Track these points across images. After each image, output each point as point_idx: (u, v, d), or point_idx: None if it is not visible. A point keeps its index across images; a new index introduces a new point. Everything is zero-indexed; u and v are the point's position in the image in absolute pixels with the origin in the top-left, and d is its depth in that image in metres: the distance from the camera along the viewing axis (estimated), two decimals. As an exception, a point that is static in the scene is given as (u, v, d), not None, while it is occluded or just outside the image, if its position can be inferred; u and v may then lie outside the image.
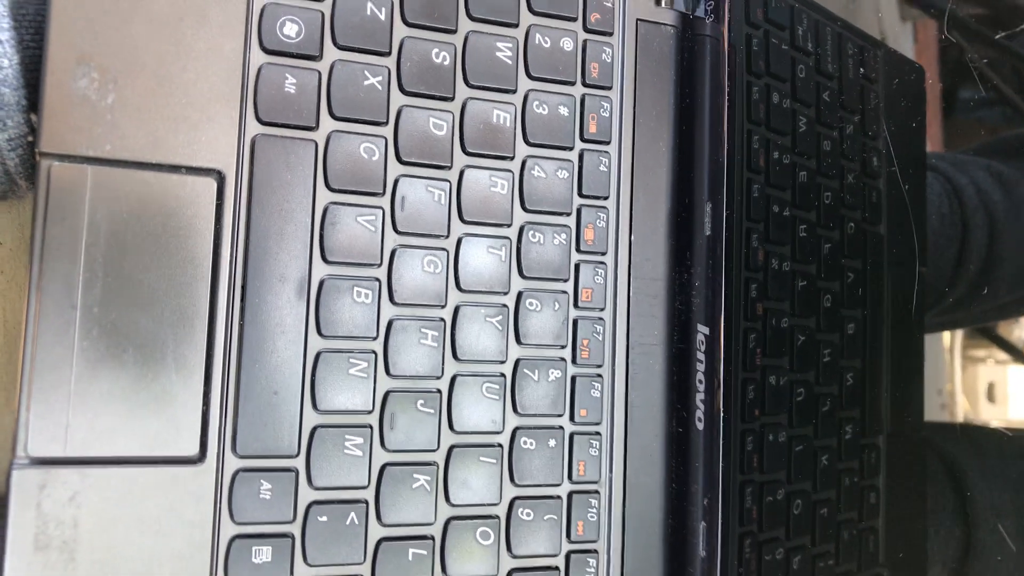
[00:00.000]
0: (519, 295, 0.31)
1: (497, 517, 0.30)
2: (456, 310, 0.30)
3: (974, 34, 0.54)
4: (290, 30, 0.28)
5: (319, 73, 0.28)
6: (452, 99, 0.30)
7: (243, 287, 0.27)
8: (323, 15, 0.28)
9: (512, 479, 0.30)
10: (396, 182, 0.29)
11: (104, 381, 0.25)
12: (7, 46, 0.25)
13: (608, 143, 0.33)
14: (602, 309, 0.32)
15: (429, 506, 0.29)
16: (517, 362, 0.30)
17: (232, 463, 0.26)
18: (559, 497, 0.31)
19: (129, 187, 0.26)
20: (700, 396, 0.32)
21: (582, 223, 0.32)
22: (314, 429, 0.27)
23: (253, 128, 0.27)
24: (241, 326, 0.27)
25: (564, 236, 0.31)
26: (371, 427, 0.28)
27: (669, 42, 0.34)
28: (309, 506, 0.27)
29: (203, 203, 0.27)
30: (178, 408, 0.26)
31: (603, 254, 0.32)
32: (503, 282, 0.30)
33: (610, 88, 0.33)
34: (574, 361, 0.31)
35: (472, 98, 0.30)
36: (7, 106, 0.25)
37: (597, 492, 0.31)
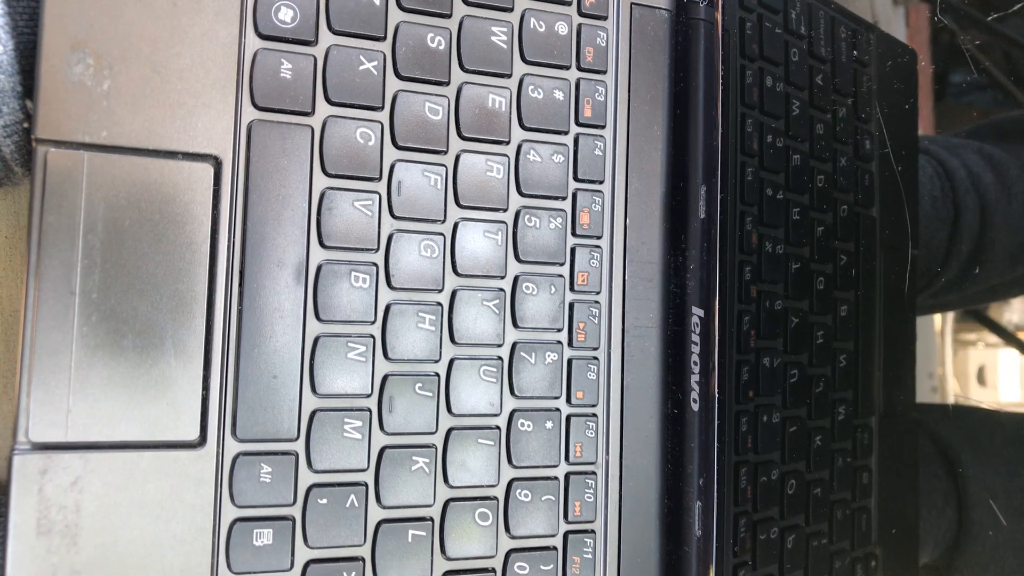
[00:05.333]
0: (515, 279, 0.31)
1: (495, 498, 0.30)
2: (453, 294, 0.30)
3: (966, 17, 0.55)
4: (285, 15, 0.28)
5: (314, 58, 0.28)
6: (447, 84, 0.30)
7: (241, 272, 0.27)
8: (318, 0, 0.28)
9: (510, 461, 0.30)
10: (392, 167, 0.29)
11: (104, 366, 0.25)
12: (1, 32, 0.25)
13: (603, 127, 0.33)
14: (598, 292, 0.32)
15: (428, 488, 0.29)
16: (514, 345, 0.31)
17: (232, 447, 0.26)
18: (556, 478, 0.31)
19: (126, 173, 0.26)
20: (695, 378, 0.33)
21: (578, 207, 0.32)
22: (313, 413, 0.28)
23: (249, 114, 0.27)
24: (240, 311, 0.27)
25: (560, 220, 0.32)
26: (370, 410, 0.28)
27: (663, 26, 0.34)
28: (309, 489, 0.27)
29: (200, 189, 0.27)
30: (178, 393, 0.26)
31: (599, 238, 0.32)
32: (500, 266, 0.30)
33: (605, 72, 0.33)
34: (570, 344, 0.32)
35: (467, 83, 0.30)
36: (2, 92, 0.25)
37: (594, 473, 0.32)
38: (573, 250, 0.32)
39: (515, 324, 0.31)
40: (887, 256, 0.44)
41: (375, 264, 0.29)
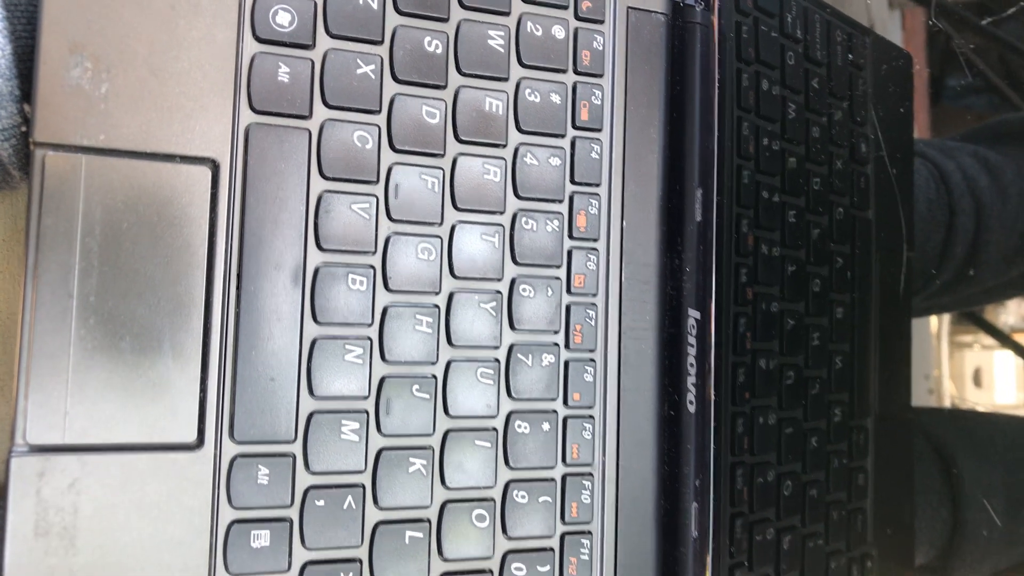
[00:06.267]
0: (512, 281, 0.31)
1: (492, 500, 0.30)
2: (450, 296, 0.30)
3: (961, 21, 0.55)
4: (283, 19, 0.28)
5: (312, 62, 0.28)
6: (445, 87, 0.30)
7: (239, 275, 0.27)
8: (316, 4, 0.28)
9: (507, 462, 0.30)
10: (390, 170, 0.29)
11: (102, 369, 0.25)
12: (-1, 36, 0.25)
13: (600, 130, 0.33)
14: (595, 295, 0.32)
15: (425, 489, 0.29)
16: (511, 347, 0.31)
17: (230, 449, 0.27)
18: (553, 480, 0.31)
19: (124, 176, 0.26)
20: (691, 380, 0.33)
21: (574, 210, 0.32)
22: (311, 415, 0.28)
23: (247, 117, 0.27)
24: (237, 313, 0.27)
25: (557, 223, 0.32)
26: (367, 412, 0.28)
27: (660, 30, 0.34)
28: (307, 491, 0.27)
29: (198, 192, 0.27)
30: (175, 395, 0.26)
31: (595, 240, 0.32)
32: (497, 269, 0.31)
33: (601, 76, 0.33)
34: (567, 346, 0.32)
35: (464, 86, 0.30)
36: (0, 96, 0.25)
37: (591, 474, 0.32)
38: (570, 253, 0.32)
39: (512, 326, 0.31)
40: (883, 258, 0.44)
41: (372, 267, 0.29)
